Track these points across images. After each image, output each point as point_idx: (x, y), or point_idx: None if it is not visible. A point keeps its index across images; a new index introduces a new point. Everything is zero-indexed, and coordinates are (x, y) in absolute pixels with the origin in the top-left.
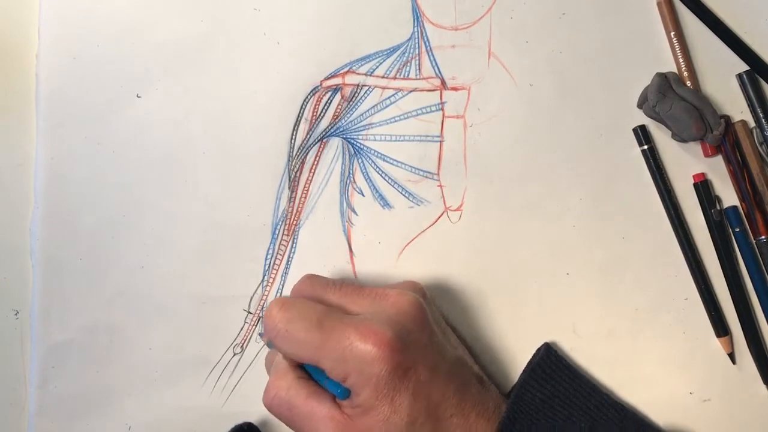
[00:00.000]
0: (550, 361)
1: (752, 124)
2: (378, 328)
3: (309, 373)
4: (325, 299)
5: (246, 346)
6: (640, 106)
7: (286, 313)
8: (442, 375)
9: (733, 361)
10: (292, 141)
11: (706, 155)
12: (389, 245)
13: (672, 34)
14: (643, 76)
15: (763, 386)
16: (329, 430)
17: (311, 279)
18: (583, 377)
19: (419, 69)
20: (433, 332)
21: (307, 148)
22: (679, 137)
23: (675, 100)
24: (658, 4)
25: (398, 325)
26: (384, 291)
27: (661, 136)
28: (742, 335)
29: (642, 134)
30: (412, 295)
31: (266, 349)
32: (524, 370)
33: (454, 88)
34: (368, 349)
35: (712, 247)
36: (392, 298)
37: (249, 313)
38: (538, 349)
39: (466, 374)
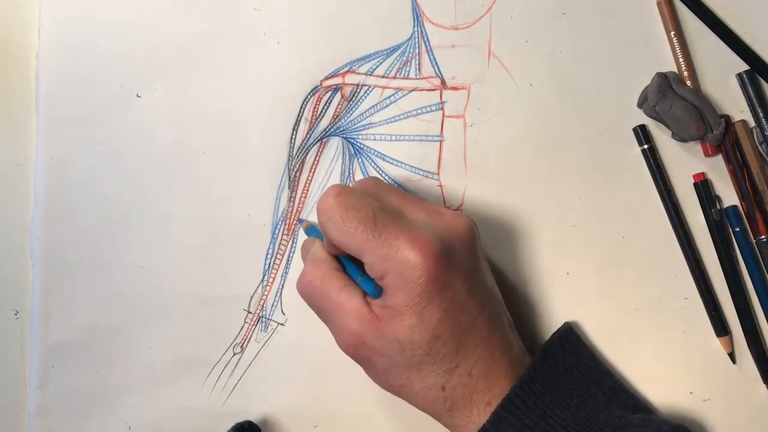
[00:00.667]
0: (572, 337)
1: (752, 123)
2: (428, 238)
3: (344, 267)
4: (384, 200)
5: (246, 346)
6: (640, 105)
7: (344, 199)
8: (477, 303)
9: (733, 361)
10: (292, 141)
11: (706, 155)
12: None
13: (672, 33)
14: (644, 75)
15: (763, 386)
16: (355, 324)
17: (375, 179)
18: (600, 361)
19: (419, 69)
20: (478, 260)
21: (307, 148)
22: (679, 137)
23: (675, 100)
24: (658, 3)
25: (447, 242)
26: (441, 209)
27: (661, 135)
28: (742, 335)
29: (642, 134)
30: (468, 220)
31: (266, 348)
32: (548, 340)
33: (454, 88)
34: (413, 254)
35: (712, 246)
36: (448, 217)
37: (249, 312)
38: (561, 327)
39: (500, 312)
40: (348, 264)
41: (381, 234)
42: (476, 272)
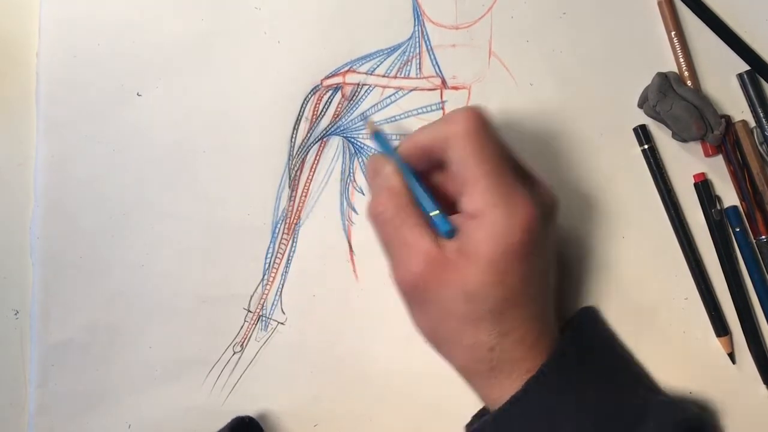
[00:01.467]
0: (598, 318)
1: (753, 124)
2: (533, 201)
3: (418, 198)
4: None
5: (246, 345)
6: (640, 105)
7: (489, 124)
8: (548, 277)
9: (733, 361)
10: (293, 140)
11: (707, 155)
12: None
13: (672, 33)
14: (644, 75)
15: (763, 386)
16: (420, 264)
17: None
18: (622, 342)
19: (420, 68)
20: (556, 237)
21: (307, 147)
22: (680, 137)
23: (676, 100)
24: (659, 3)
25: (544, 212)
26: (536, 176)
27: (662, 135)
28: (742, 335)
29: (642, 134)
30: (556, 196)
31: (266, 347)
32: (574, 318)
33: (455, 88)
34: (518, 212)
35: (713, 246)
36: (543, 188)
37: (249, 311)
38: (586, 307)
39: (555, 288)
40: (423, 196)
41: (501, 176)
42: (554, 248)
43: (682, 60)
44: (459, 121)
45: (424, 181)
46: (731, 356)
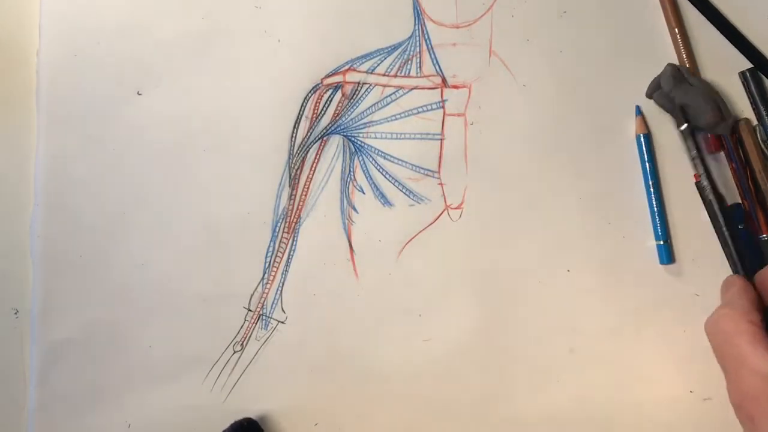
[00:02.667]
0: None
1: (755, 121)
2: None
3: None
4: None
5: (246, 344)
6: (649, 95)
7: None
8: None
9: None
10: (293, 139)
11: (709, 152)
12: (390, 243)
13: (675, 30)
14: (645, 74)
15: None
16: (750, 381)
17: None
18: None
19: (420, 67)
20: None
21: (307, 146)
22: (693, 124)
23: (690, 88)
24: (661, 0)
25: None
26: None
27: (662, 134)
28: None
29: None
30: None
31: (266, 346)
32: None
33: (455, 86)
34: None
35: (716, 244)
36: None
37: (249, 310)
38: None
39: None
40: None
41: None
42: None
43: (685, 57)
44: None
45: None
46: None
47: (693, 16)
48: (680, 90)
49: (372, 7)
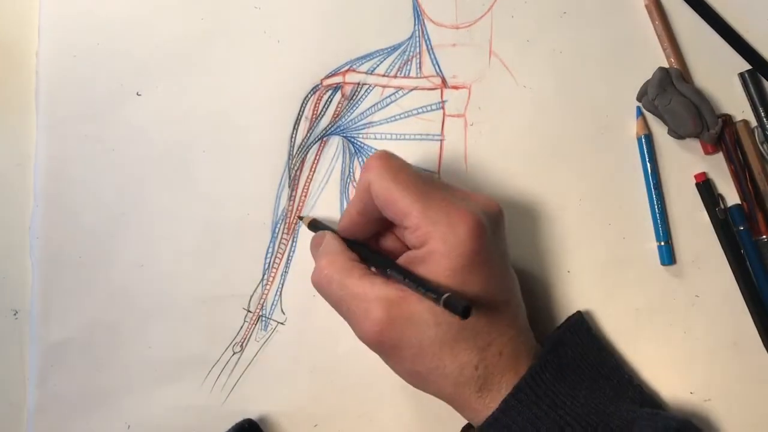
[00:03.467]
0: (582, 327)
1: (754, 123)
2: (474, 210)
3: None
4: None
5: (245, 345)
6: (639, 99)
7: (397, 160)
8: (508, 283)
9: None
10: (293, 139)
11: (706, 153)
12: None
13: (663, 35)
14: (644, 75)
15: (765, 384)
16: (380, 310)
17: None
18: (610, 351)
19: (420, 67)
20: (507, 244)
21: (307, 147)
22: (676, 133)
23: (674, 96)
24: (647, 6)
25: (488, 220)
26: (474, 192)
27: (662, 135)
28: (747, 335)
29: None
30: (498, 204)
31: (266, 347)
32: (557, 328)
33: (455, 87)
34: (462, 222)
35: (716, 245)
36: (483, 199)
37: (249, 311)
38: (572, 315)
39: (521, 299)
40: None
41: (431, 197)
42: (507, 255)
43: (673, 60)
44: (371, 167)
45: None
46: None
47: (693, 18)
48: (664, 98)
49: (372, 7)
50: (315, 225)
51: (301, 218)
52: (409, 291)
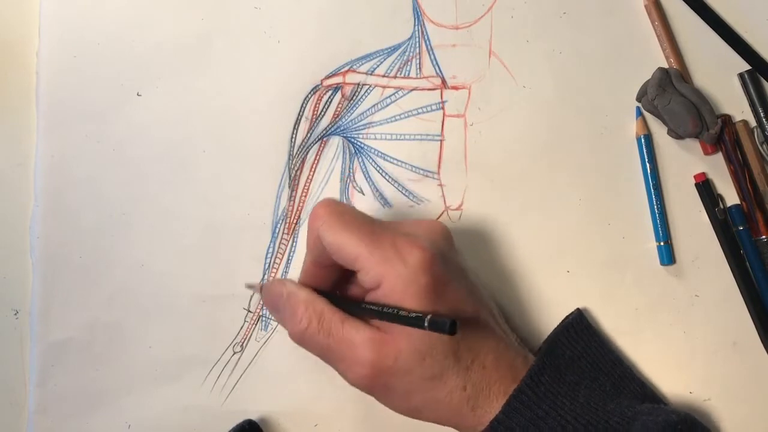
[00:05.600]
0: (581, 324)
1: (753, 123)
2: (422, 241)
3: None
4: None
5: (246, 345)
6: (639, 99)
7: (339, 206)
8: (474, 297)
9: None
10: (293, 140)
11: (706, 153)
12: None
13: (662, 35)
14: (644, 75)
15: (764, 384)
16: (369, 353)
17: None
18: (610, 347)
19: (420, 68)
20: (461, 259)
21: (307, 147)
22: (675, 133)
23: (674, 96)
24: (646, 6)
25: (437, 244)
26: (414, 220)
27: (662, 135)
28: (747, 335)
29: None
30: (442, 223)
31: (266, 347)
32: (556, 328)
33: (455, 87)
34: (414, 256)
35: (716, 245)
36: (425, 224)
37: (249, 311)
38: (571, 313)
39: (492, 305)
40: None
41: (379, 238)
42: (464, 270)
43: (672, 60)
44: (317, 216)
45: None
46: None
47: (693, 19)
48: (663, 98)
49: (372, 7)
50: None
51: (250, 286)
52: (392, 330)
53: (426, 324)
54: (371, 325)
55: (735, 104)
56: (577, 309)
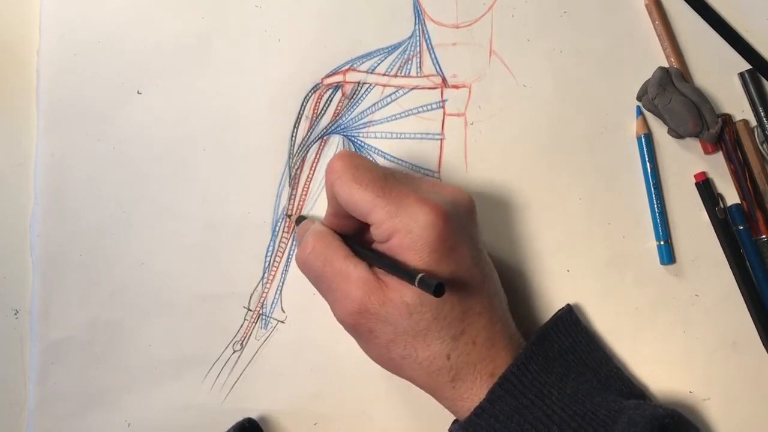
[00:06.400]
0: (571, 320)
1: (754, 123)
2: (436, 200)
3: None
4: (389, 169)
5: (246, 343)
6: (639, 98)
7: (354, 160)
8: (480, 272)
9: None
10: (293, 138)
11: (706, 152)
12: None
13: (663, 35)
14: (644, 74)
15: (764, 384)
16: (359, 291)
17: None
18: (598, 344)
19: (420, 67)
20: (478, 232)
21: (307, 146)
22: (675, 132)
23: (674, 95)
24: (646, 5)
25: (453, 208)
26: (442, 183)
27: (662, 134)
28: (747, 334)
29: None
30: (468, 193)
31: (266, 346)
32: (548, 321)
33: (455, 86)
34: (423, 213)
35: (716, 244)
36: (449, 189)
37: (249, 310)
38: (561, 308)
39: (498, 288)
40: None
41: (391, 192)
42: (478, 243)
43: (673, 59)
44: (332, 170)
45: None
46: None
47: (693, 18)
48: (664, 97)
49: (372, 6)
50: (301, 221)
51: (288, 216)
52: (389, 280)
53: (416, 281)
54: (373, 269)
55: (735, 103)
56: (567, 305)
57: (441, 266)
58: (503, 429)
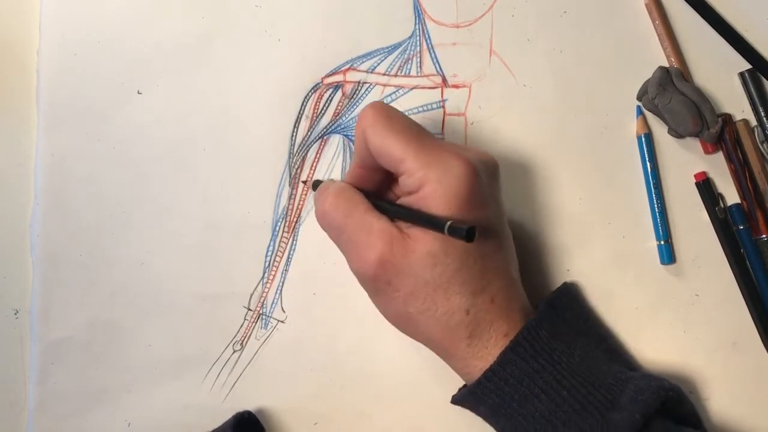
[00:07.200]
0: (573, 293)
1: (754, 122)
2: (470, 157)
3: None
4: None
5: (246, 343)
6: (639, 98)
7: (389, 109)
8: (501, 234)
9: None
10: (293, 138)
11: (706, 152)
12: None
13: (662, 34)
14: (644, 74)
15: (764, 384)
16: (381, 242)
17: None
18: (600, 321)
19: (420, 66)
20: (501, 195)
21: (307, 146)
22: (675, 132)
23: (674, 95)
24: (646, 5)
25: (484, 166)
26: (468, 146)
27: (662, 134)
28: (747, 335)
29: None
30: (492, 157)
31: (266, 346)
32: (551, 293)
33: (455, 86)
34: (456, 165)
35: (716, 244)
36: (477, 150)
37: (249, 310)
38: (561, 285)
39: (514, 254)
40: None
41: (425, 143)
42: (501, 204)
43: (673, 59)
44: (365, 117)
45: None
46: None
47: (693, 18)
48: (664, 97)
49: (372, 6)
50: (318, 185)
51: (304, 182)
52: (414, 233)
53: (446, 228)
54: (396, 223)
55: (735, 103)
56: (564, 282)
57: (468, 219)
58: (513, 392)
